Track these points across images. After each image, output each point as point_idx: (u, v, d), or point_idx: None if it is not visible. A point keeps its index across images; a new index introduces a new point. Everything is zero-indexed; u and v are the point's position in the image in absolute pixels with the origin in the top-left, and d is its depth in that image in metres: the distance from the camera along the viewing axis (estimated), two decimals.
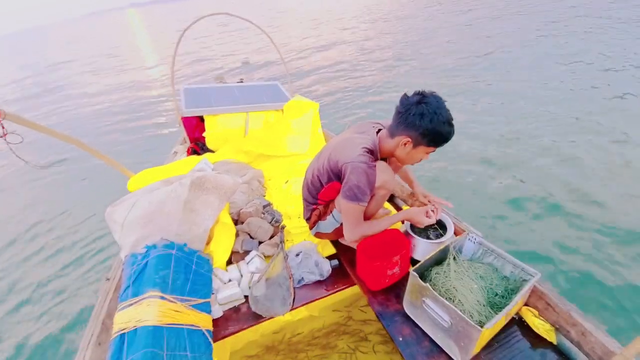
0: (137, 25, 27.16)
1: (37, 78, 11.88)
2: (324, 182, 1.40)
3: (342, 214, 1.33)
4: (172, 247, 1.36)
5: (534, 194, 2.69)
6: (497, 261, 1.27)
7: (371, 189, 1.26)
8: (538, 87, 4.58)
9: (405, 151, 1.26)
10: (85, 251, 2.87)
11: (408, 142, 1.22)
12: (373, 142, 1.29)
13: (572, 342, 1.10)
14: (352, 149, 1.26)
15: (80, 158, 4.61)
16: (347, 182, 1.24)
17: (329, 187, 1.41)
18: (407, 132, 1.20)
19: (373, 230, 1.36)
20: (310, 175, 1.48)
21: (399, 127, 1.22)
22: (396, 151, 1.29)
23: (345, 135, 1.39)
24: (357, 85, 5.98)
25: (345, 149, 1.29)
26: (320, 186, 1.44)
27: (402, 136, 1.22)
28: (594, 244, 2.18)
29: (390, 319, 1.26)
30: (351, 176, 1.22)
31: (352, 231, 1.33)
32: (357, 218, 1.31)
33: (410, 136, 1.20)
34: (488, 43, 7.01)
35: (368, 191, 1.24)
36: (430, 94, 1.17)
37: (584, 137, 3.30)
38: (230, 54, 10.38)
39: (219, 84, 3.39)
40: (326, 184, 1.40)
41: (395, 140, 1.26)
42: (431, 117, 1.13)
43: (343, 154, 1.28)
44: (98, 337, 1.27)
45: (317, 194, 1.48)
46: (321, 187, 1.43)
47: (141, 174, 2.04)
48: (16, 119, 1.40)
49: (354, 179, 1.21)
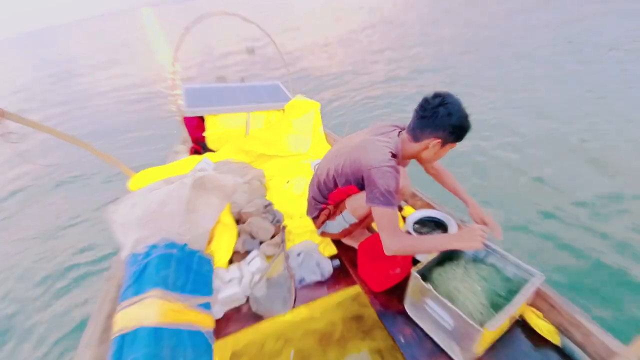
0: (151, 25, 27.24)
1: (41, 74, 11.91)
2: (341, 183, 1.37)
3: (378, 221, 1.23)
4: (173, 247, 1.36)
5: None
6: (500, 262, 1.26)
7: (397, 193, 1.23)
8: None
9: (433, 152, 1.26)
10: (85, 251, 2.87)
11: (438, 143, 1.22)
12: (396, 145, 1.27)
13: (575, 343, 1.09)
14: (377, 152, 1.23)
15: (80, 157, 4.62)
16: (376, 187, 1.19)
17: (344, 189, 1.38)
18: (435, 134, 1.20)
19: (415, 248, 1.23)
20: (325, 174, 1.43)
21: (424, 131, 1.21)
22: (423, 153, 1.28)
23: (365, 136, 1.35)
24: (358, 85, 5.98)
25: (369, 152, 1.25)
26: (334, 187, 1.40)
27: (431, 139, 1.22)
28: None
29: (392, 320, 1.26)
30: (380, 181, 1.18)
31: (391, 239, 1.20)
32: (395, 223, 1.23)
33: (439, 137, 1.20)
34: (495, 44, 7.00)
35: (396, 195, 1.21)
36: (447, 94, 1.19)
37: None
38: (235, 54, 10.38)
39: (220, 84, 3.39)
40: (342, 185, 1.37)
41: (422, 144, 1.25)
42: (458, 116, 1.16)
43: (367, 156, 1.24)
44: (99, 336, 1.27)
45: (328, 194, 1.45)
46: (335, 188, 1.40)
47: (142, 174, 2.04)
48: (16, 118, 1.40)
49: (384, 184, 1.18)
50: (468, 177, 2.92)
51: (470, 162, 3.12)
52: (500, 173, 2.95)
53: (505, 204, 2.58)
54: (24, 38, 47.70)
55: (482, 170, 3.01)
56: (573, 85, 4.40)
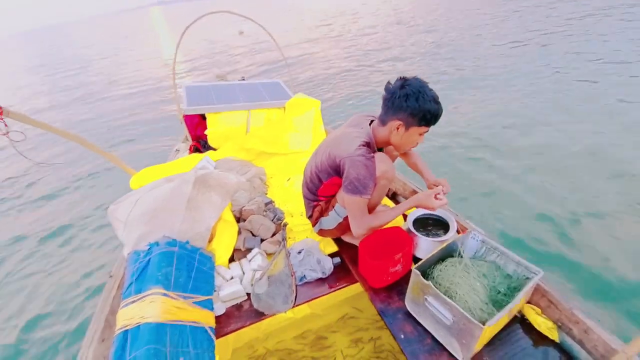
0: (160, 23, 27.07)
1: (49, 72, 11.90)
2: (324, 178, 1.41)
3: (347, 208, 1.34)
4: (174, 245, 1.37)
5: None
6: (500, 259, 1.27)
7: (373, 181, 1.27)
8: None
9: (399, 136, 1.28)
10: (87, 248, 2.88)
11: (400, 126, 1.25)
12: (368, 134, 1.32)
13: (574, 339, 1.10)
14: (348, 143, 1.28)
15: (82, 156, 4.63)
16: (347, 177, 1.25)
17: (328, 183, 1.42)
18: (396, 116, 1.23)
19: (380, 221, 1.34)
20: (309, 173, 1.49)
21: (387, 114, 1.26)
22: (391, 138, 1.32)
23: (340, 131, 1.41)
24: (359, 84, 5.97)
25: (341, 143, 1.31)
26: (320, 183, 1.45)
27: (393, 121, 1.25)
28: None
29: (393, 317, 1.27)
30: (351, 170, 1.23)
31: (359, 224, 1.32)
32: (362, 211, 1.31)
33: (400, 119, 1.23)
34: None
35: (370, 183, 1.25)
36: (412, 78, 1.22)
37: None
38: (238, 54, 10.36)
39: (221, 82, 3.38)
40: (326, 180, 1.41)
41: (387, 127, 1.29)
42: (417, 97, 1.18)
43: (340, 149, 1.29)
44: (101, 333, 1.28)
45: (316, 190, 1.49)
46: (320, 183, 1.45)
47: (143, 172, 2.05)
48: (18, 116, 1.40)
49: (354, 173, 1.23)
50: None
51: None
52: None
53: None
54: (40, 31, 47.57)
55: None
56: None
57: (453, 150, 3.46)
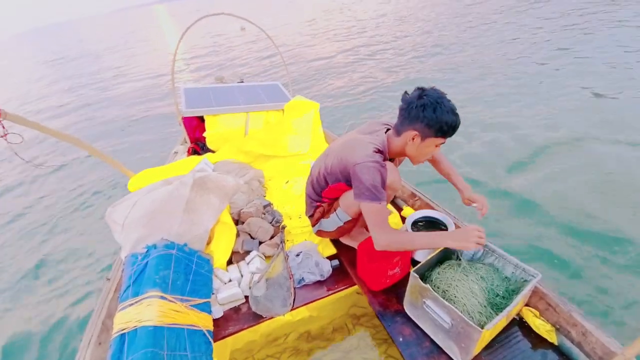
0: (163, 21, 27.02)
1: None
2: (331, 181, 1.39)
3: (367, 216, 1.24)
4: (172, 247, 1.36)
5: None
6: (498, 262, 1.27)
7: (385, 189, 1.24)
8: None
9: (414, 146, 1.24)
10: (85, 251, 2.86)
11: (416, 136, 1.21)
12: (382, 142, 1.28)
13: (572, 342, 1.10)
14: (362, 149, 1.24)
15: (81, 157, 4.62)
16: (361, 183, 1.20)
17: (334, 187, 1.40)
18: (412, 127, 1.20)
19: (406, 244, 1.19)
20: (317, 173, 1.46)
21: (403, 124, 1.22)
22: (406, 148, 1.28)
23: (354, 135, 1.37)
24: (360, 85, 5.98)
25: (354, 149, 1.27)
26: (326, 185, 1.43)
27: (409, 131, 1.21)
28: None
29: (391, 320, 1.26)
30: (365, 176, 1.19)
31: (381, 234, 1.19)
32: (384, 218, 1.24)
33: (416, 129, 1.19)
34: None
35: (384, 191, 1.22)
36: (430, 88, 1.19)
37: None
38: (237, 57, 10.38)
39: (219, 84, 3.39)
40: (332, 183, 1.39)
41: (403, 138, 1.25)
42: (434, 107, 1.14)
43: (353, 154, 1.25)
44: (98, 337, 1.27)
45: (321, 191, 1.48)
46: (326, 185, 1.43)
47: (141, 174, 2.04)
48: (16, 118, 1.40)
49: (369, 179, 1.18)
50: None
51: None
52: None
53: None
54: (44, 30, 47.62)
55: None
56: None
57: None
